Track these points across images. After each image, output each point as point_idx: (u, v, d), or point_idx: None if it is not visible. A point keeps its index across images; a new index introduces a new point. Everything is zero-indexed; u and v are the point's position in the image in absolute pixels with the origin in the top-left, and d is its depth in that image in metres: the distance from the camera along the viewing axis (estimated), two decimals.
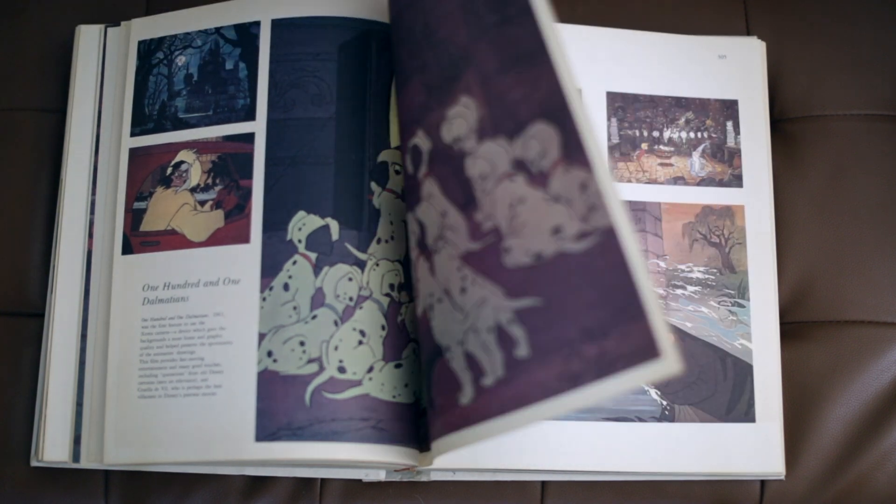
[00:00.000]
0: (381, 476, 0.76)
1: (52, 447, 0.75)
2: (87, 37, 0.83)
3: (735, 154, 0.82)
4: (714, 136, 0.82)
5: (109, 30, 0.83)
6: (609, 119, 0.81)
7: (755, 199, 0.81)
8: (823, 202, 0.83)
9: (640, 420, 0.76)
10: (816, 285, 0.81)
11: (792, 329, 0.81)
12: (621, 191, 0.80)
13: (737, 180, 0.81)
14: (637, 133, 0.81)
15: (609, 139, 0.81)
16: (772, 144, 0.83)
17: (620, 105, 0.82)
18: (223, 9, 0.81)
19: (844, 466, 0.78)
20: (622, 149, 0.81)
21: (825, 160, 0.84)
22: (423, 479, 0.76)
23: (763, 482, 0.78)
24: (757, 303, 0.79)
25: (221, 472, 0.77)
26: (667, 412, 0.76)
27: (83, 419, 0.75)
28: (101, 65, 0.82)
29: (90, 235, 0.79)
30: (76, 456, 0.75)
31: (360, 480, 0.77)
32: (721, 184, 0.81)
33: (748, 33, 0.87)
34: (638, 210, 0.80)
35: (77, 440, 0.75)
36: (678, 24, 0.86)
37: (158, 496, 0.77)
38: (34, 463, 0.76)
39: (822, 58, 0.87)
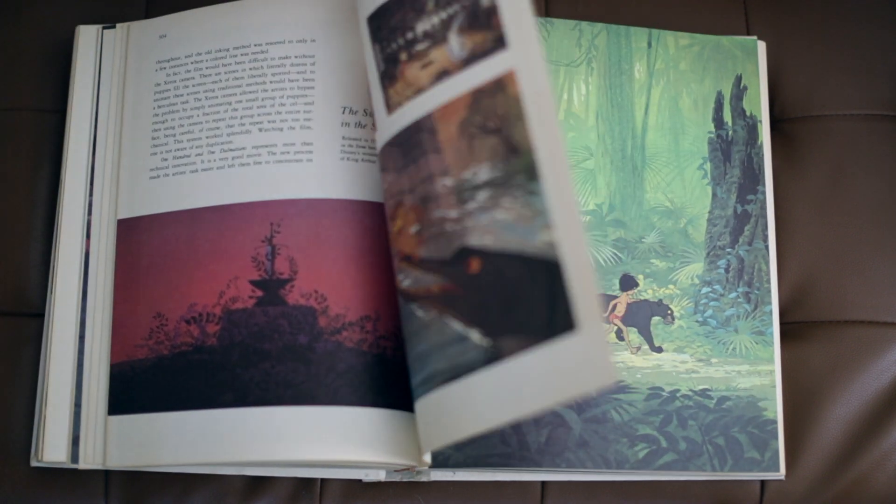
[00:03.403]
0: (381, 476, 0.76)
1: (52, 447, 0.75)
2: (87, 37, 0.83)
3: (491, 12, 0.67)
4: (465, 4, 0.69)
5: (105, 32, 0.83)
6: (373, 47, 0.73)
7: (524, 57, 0.66)
8: (823, 202, 0.83)
9: (470, 371, 0.65)
10: (816, 285, 0.81)
11: (792, 329, 0.81)
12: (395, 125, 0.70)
13: (499, 43, 0.67)
14: (395, 45, 0.71)
15: (378, 69, 0.72)
16: (772, 144, 0.83)
17: (377, 25, 0.72)
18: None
19: (844, 466, 0.78)
20: (389, 72, 0.71)
21: (825, 160, 0.84)
22: (423, 479, 0.76)
23: (763, 482, 0.78)
24: (551, 183, 0.64)
25: (221, 472, 0.77)
26: (492, 352, 0.65)
27: (81, 420, 0.75)
28: (97, 68, 0.82)
29: (87, 236, 0.79)
30: (74, 457, 0.75)
31: (360, 480, 0.77)
32: (484, 55, 0.67)
33: (748, 33, 0.87)
34: (414, 135, 0.69)
35: (75, 441, 0.75)
36: (678, 23, 0.86)
37: (158, 496, 0.77)
38: (34, 463, 0.76)
39: (822, 58, 0.86)
